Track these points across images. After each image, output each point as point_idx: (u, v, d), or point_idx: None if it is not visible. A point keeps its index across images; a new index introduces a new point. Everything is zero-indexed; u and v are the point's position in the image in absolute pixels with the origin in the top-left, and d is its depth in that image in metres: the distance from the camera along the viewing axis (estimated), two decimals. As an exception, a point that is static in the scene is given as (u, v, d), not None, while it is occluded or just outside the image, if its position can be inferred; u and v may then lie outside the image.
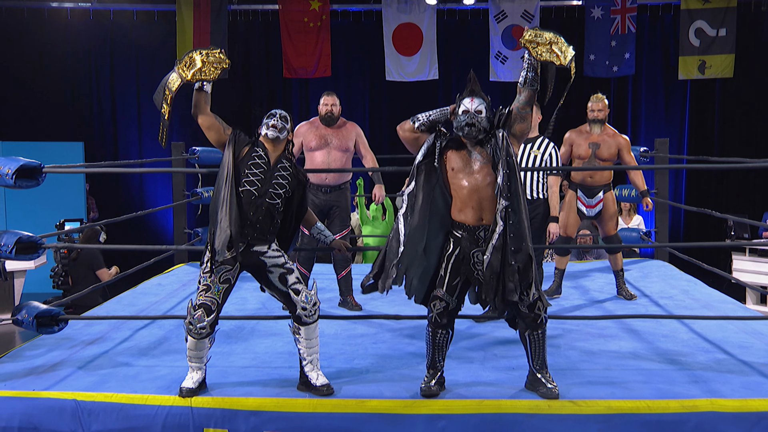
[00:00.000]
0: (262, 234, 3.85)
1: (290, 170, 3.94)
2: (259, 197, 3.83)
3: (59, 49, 11.19)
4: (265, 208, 3.83)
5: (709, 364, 4.28)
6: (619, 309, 5.64)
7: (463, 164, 3.75)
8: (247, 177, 3.83)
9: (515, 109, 3.83)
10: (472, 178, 3.73)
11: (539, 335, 3.78)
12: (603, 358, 4.41)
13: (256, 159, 3.87)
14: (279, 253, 3.90)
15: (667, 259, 7.52)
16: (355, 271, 6.10)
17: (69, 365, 4.31)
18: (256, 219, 3.82)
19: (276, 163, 3.91)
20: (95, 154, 11.04)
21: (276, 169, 3.89)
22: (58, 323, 4.43)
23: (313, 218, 4.24)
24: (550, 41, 3.73)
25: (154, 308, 5.80)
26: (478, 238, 3.75)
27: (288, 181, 3.90)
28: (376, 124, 11.59)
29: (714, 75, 10.81)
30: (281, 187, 3.87)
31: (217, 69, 4.04)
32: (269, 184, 3.85)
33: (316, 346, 3.92)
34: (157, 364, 4.35)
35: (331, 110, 5.72)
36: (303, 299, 3.85)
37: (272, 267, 3.86)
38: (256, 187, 3.83)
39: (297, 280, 3.88)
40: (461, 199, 3.75)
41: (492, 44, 10.92)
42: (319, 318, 3.93)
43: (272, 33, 11.21)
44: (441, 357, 3.85)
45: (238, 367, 4.28)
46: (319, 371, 3.90)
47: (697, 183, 11.45)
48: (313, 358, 3.90)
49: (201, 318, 3.77)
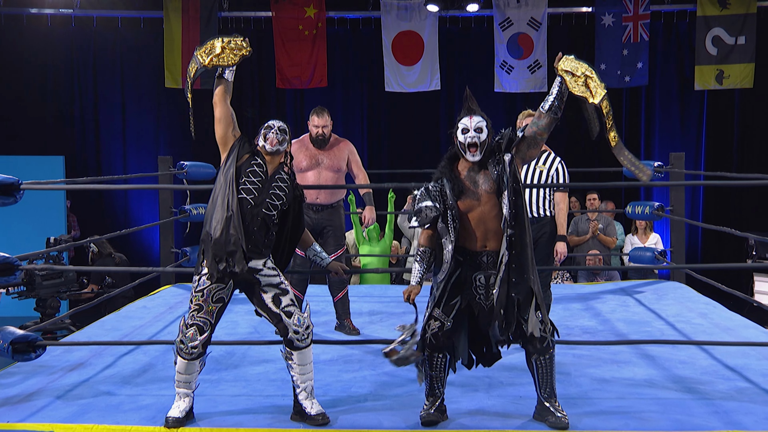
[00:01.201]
0: (256, 246, 3.85)
1: (287, 182, 3.97)
2: (255, 207, 3.85)
3: (39, 57, 11.21)
4: (261, 219, 3.85)
5: (730, 393, 4.26)
6: (633, 333, 5.63)
7: (470, 198, 3.77)
8: (244, 185, 3.86)
9: (531, 134, 3.84)
10: (478, 211, 3.77)
11: (547, 361, 3.77)
12: (616, 387, 4.39)
13: (254, 167, 3.91)
14: (275, 272, 3.90)
15: (683, 281, 7.50)
16: (352, 292, 6.10)
17: (47, 395, 4.29)
18: (251, 229, 3.83)
19: (274, 174, 3.95)
20: (77, 168, 11.04)
21: (273, 180, 3.92)
22: (35, 350, 4.41)
23: (309, 239, 4.26)
24: (585, 75, 3.78)
25: (139, 333, 5.78)
26: (480, 263, 3.78)
27: (285, 193, 3.94)
28: (374, 138, 11.61)
29: (732, 85, 10.84)
30: (278, 199, 3.90)
31: (237, 56, 4.20)
32: (266, 194, 3.88)
33: (310, 373, 3.91)
34: (142, 393, 4.33)
35: (322, 132, 5.72)
36: (295, 322, 3.84)
37: (266, 286, 3.86)
38: (253, 196, 3.85)
39: (291, 302, 3.87)
40: (466, 228, 3.79)
41: (497, 53, 10.96)
42: (312, 342, 3.92)
43: (265, 41, 11.24)
44: (440, 384, 3.84)
45: (228, 395, 4.26)
46: (314, 399, 3.89)
47: (715, 200, 11.45)
48: (307, 385, 3.89)
49: (194, 337, 3.77)
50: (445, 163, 3.86)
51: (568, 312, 6.36)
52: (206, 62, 4.18)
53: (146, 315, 6.33)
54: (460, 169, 3.82)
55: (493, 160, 3.78)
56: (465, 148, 3.77)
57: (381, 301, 6.98)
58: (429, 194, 3.80)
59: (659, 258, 7.17)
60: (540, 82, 10.83)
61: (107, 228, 9.88)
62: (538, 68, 10.87)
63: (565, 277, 8.43)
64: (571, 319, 6.11)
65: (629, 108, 11.46)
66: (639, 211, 7.34)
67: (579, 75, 3.76)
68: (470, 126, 3.77)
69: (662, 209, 7.06)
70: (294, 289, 5.71)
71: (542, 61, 10.83)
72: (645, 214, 7.31)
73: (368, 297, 7.13)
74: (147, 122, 11.45)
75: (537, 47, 10.84)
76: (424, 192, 3.82)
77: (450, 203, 3.75)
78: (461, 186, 3.77)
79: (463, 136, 3.77)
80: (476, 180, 3.78)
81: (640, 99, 11.41)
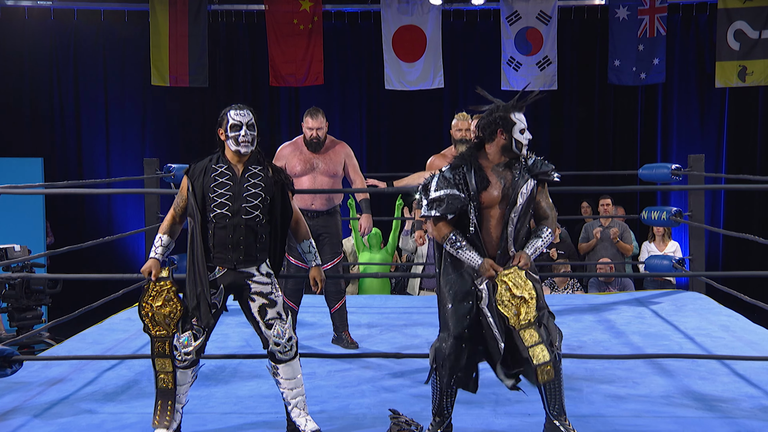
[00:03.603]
0: (248, 255, 3.86)
1: (261, 174, 3.92)
2: (234, 216, 3.83)
3: (15, 52, 11.23)
4: (244, 227, 3.83)
5: (753, 411, 4.26)
6: (649, 347, 5.63)
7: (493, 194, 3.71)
8: (214, 201, 3.83)
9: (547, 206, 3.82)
10: (499, 210, 3.72)
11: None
12: (631, 404, 4.39)
13: (218, 179, 3.86)
14: (268, 281, 3.90)
15: (703, 291, 7.50)
16: (350, 303, 6.09)
17: (23, 413, 4.29)
18: (237, 240, 3.83)
19: (243, 172, 3.90)
20: (57, 171, 11.05)
21: (245, 180, 3.88)
22: (12, 365, 4.42)
23: (303, 228, 4.13)
24: (523, 298, 3.61)
25: (123, 347, 5.78)
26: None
27: (262, 187, 3.89)
28: (374, 139, 11.63)
29: (756, 82, 10.85)
30: (255, 197, 3.86)
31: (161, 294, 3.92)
32: (241, 199, 3.84)
33: (300, 387, 3.91)
34: (126, 410, 4.33)
35: (316, 135, 5.72)
36: (276, 333, 3.85)
37: (255, 294, 3.86)
38: (228, 207, 3.83)
39: (277, 315, 3.87)
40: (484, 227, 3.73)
41: (504, 49, 10.98)
42: (298, 354, 3.93)
43: (258, 36, 11.28)
44: (450, 403, 3.83)
45: (219, 413, 4.27)
46: (308, 416, 3.90)
47: (738, 205, 11.46)
48: (299, 401, 3.90)
49: (188, 343, 3.78)
50: (471, 153, 3.79)
51: (580, 324, 6.36)
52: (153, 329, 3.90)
53: (130, 327, 6.32)
54: (485, 163, 3.78)
55: (519, 167, 3.76)
56: (521, 147, 3.74)
57: (381, 312, 6.98)
58: (449, 182, 3.70)
59: (677, 267, 7.17)
60: (550, 79, 10.84)
61: (89, 235, 9.88)
62: (547, 65, 10.89)
63: (575, 287, 8.43)
64: (584, 332, 6.11)
65: (645, 107, 11.48)
66: (655, 216, 7.33)
67: (517, 295, 3.63)
68: (526, 125, 3.77)
69: (680, 215, 7.05)
70: (288, 299, 5.78)
71: (552, 58, 10.84)
72: (662, 220, 7.30)
73: (367, 308, 7.13)
74: (132, 122, 11.46)
75: (546, 43, 10.85)
76: (442, 179, 3.71)
77: (473, 194, 3.69)
78: (487, 178, 3.72)
79: (521, 135, 3.74)
80: (503, 176, 3.74)
81: (657, 97, 11.43)
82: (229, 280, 3.84)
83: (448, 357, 3.70)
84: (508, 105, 3.78)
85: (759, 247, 9.87)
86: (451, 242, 3.67)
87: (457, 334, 3.69)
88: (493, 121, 3.74)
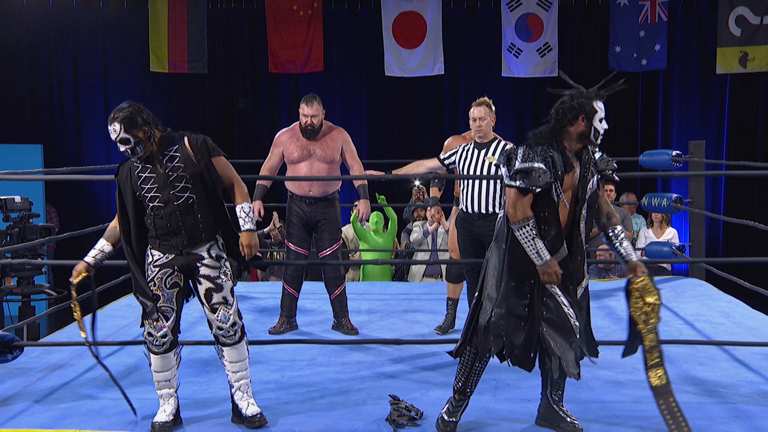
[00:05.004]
0: (193, 237, 3.82)
1: (179, 155, 3.82)
2: (167, 205, 3.79)
3: (14, 39, 11.21)
4: (179, 212, 3.79)
5: (753, 397, 4.28)
6: (649, 333, 5.63)
7: (572, 178, 3.67)
8: (145, 197, 3.80)
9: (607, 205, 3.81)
10: (573, 194, 3.68)
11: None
12: (631, 390, 4.41)
13: (141, 175, 3.82)
14: (216, 264, 3.85)
15: (703, 277, 7.52)
16: (350, 290, 6.11)
17: (24, 398, 4.31)
18: (177, 227, 3.80)
19: (163, 159, 3.81)
20: (56, 158, 11.04)
21: (165, 167, 3.80)
22: (12, 350, 4.43)
23: (238, 193, 3.94)
24: (652, 305, 3.71)
25: (123, 333, 5.80)
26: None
27: (182, 168, 3.80)
28: (374, 126, 11.61)
29: (757, 68, 10.83)
30: (179, 180, 3.79)
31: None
32: (168, 186, 3.79)
33: (244, 371, 3.93)
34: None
35: (311, 122, 5.71)
36: (219, 318, 3.85)
37: (203, 277, 3.85)
38: (159, 198, 3.79)
39: (222, 299, 3.85)
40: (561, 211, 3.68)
41: (504, 35, 10.95)
42: (245, 339, 3.91)
43: (257, 22, 11.24)
44: (475, 383, 3.80)
45: (218, 398, 4.27)
46: (251, 399, 3.93)
47: (738, 191, 11.46)
48: (242, 384, 3.92)
49: (161, 326, 3.80)
50: (555, 132, 3.68)
51: (580, 310, 6.36)
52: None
53: (131, 314, 6.35)
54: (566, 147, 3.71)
55: (587, 159, 3.71)
56: (598, 136, 3.67)
57: (381, 299, 7.00)
58: (538, 155, 3.59)
59: (677, 253, 7.18)
60: (550, 65, 10.81)
61: (88, 221, 9.88)
62: (548, 51, 10.86)
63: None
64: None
65: (646, 93, 11.46)
66: (656, 203, 7.34)
67: (648, 303, 3.69)
68: (604, 114, 3.69)
69: (681, 201, 7.06)
70: (288, 285, 5.80)
71: (552, 44, 10.82)
72: (662, 207, 7.31)
73: (367, 294, 7.15)
74: (131, 109, 11.42)
75: (547, 29, 10.83)
76: (529, 151, 3.61)
77: (560, 174, 3.61)
78: (570, 162, 3.66)
79: (600, 124, 3.66)
80: (575, 164, 3.68)
81: (658, 84, 11.41)
82: (180, 263, 3.84)
83: (506, 334, 3.62)
84: (591, 92, 3.69)
85: (759, 233, 9.89)
86: (529, 227, 3.57)
87: (516, 312, 3.63)
88: (576, 106, 3.64)
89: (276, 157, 5.84)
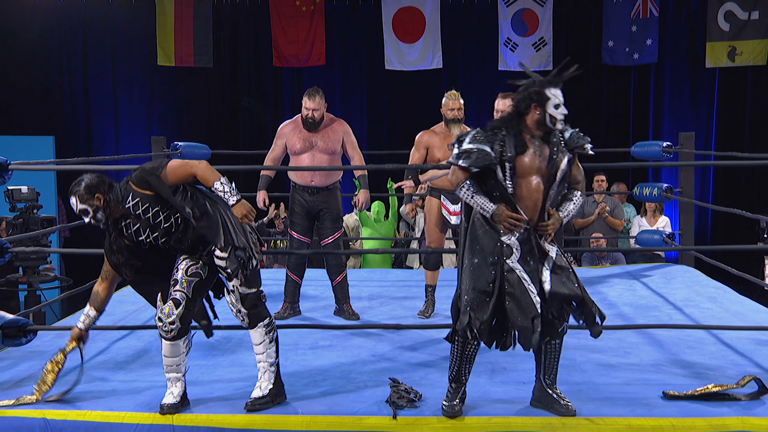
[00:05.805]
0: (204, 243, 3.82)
1: (138, 199, 3.76)
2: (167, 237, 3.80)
3: (26, 33, 11.18)
4: (181, 234, 3.79)
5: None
6: (640, 318, 5.65)
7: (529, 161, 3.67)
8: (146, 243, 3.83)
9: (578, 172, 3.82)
10: (533, 180, 3.69)
11: (557, 345, 3.80)
12: (622, 372, 4.42)
13: (127, 232, 3.82)
14: (225, 256, 3.81)
15: (692, 264, 7.53)
16: (352, 276, 6.11)
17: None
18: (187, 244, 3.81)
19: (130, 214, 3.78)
20: (67, 149, 11.04)
21: (138, 217, 3.77)
22: (26, 334, 4.44)
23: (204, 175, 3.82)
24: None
25: (133, 317, 5.82)
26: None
27: (148, 205, 3.75)
28: (374, 117, 11.60)
29: (745, 62, 10.83)
30: (156, 216, 3.76)
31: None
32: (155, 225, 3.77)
33: (261, 354, 3.95)
34: (136, 378, 4.36)
35: (312, 116, 5.71)
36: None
37: (219, 268, 3.85)
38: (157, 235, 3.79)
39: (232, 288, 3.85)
40: (517, 194, 3.69)
41: (501, 30, 10.95)
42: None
43: (261, 17, 11.22)
44: (468, 370, 3.81)
45: (225, 381, 4.29)
46: (263, 383, 3.93)
47: (726, 181, 11.47)
48: (260, 365, 3.95)
49: (169, 312, 3.78)
50: (512, 119, 3.72)
51: (573, 296, 6.37)
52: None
53: (139, 300, 6.28)
54: (524, 132, 3.71)
55: (556, 142, 3.71)
56: (555, 122, 3.66)
57: (381, 285, 7.01)
58: (485, 137, 3.65)
59: (667, 241, 7.18)
60: (545, 59, 10.81)
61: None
62: (543, 45, 10.85)
63: (569, 261, 8.43)
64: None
65: (638, 86, 11.45)
66: (647, 192, 7.34)
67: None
68: (561, 100, 3.69)
69: (671, 191, 7.06)
70: (291, 273, 5.81)
71: (547, 39, 10.81)
72: (653, 196, 7.31)
73: (368, 281, 7.16)
74: (139, 101, 11.44)
75: (542, 24, 10.81)
76: (478, 134, 3.67)
77: (509, 155, 3.63)
78: (525, 144, 3.67)
79: (555, 110, 3.65)
80: (540, 149, 3.68)
81: (649, 77, 11.40)
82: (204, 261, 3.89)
83: (471, 309, 3.62)
84: (544, 80, 3.71)
85: (746, 221, 9.90)
86: (465, 187, 3.66)
87: (480, 287, 3.63)
88: (528, 96, 3.68)
89: (279, 148, 5.85)
